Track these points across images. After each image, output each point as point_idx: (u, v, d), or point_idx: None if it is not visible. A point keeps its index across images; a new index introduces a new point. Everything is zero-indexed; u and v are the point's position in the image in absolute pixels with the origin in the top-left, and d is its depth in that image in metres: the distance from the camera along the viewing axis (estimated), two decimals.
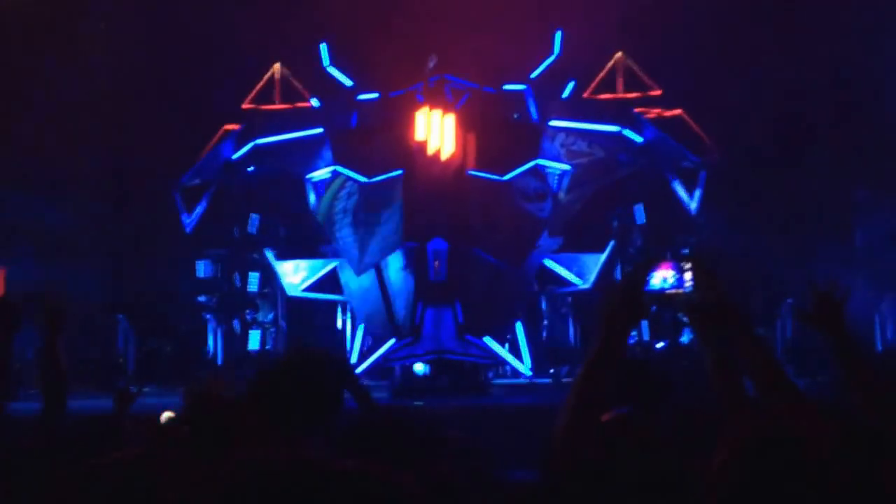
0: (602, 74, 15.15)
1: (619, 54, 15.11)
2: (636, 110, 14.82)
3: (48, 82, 14.19)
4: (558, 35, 14.92)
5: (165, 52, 14.73)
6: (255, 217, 15.85)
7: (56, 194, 14.25)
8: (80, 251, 14.74)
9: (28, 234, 14.18)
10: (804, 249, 13.68)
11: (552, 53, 14.95)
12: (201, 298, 15.86)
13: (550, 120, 14.61)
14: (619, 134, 14.58)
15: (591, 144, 14.76)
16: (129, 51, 14.63)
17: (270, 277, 15.55)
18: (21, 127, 13.95)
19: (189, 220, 14.83)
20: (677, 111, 14.78)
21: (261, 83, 15.39)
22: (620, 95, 15.10)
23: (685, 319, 14.67)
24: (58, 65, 14.10)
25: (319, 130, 14.64)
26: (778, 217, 14.69)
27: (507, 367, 14.14)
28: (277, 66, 15.44)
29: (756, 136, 14.34)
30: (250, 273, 15.91)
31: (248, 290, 15.90)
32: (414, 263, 13.13)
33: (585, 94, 15.13)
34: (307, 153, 14.79)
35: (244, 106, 15.37)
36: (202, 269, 15.91)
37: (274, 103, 15.44)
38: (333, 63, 15.15)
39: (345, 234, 13.82)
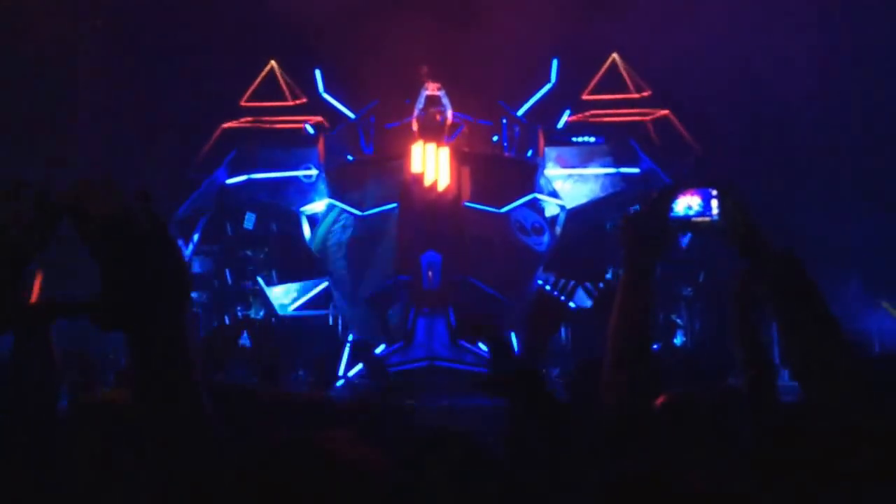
0: (599, 75, 15.25)
1: (614, 55, 15.23)
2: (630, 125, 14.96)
3: (42, 78, 14.04)
4: (555, 63, 14.97)
5: (162, 51, 14.66)
6: (251, 215, 15.78)
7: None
8: (70, 241, 14.55)
9: None
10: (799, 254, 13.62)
11: (548, 81, 15.05)
12: (192, 294, 15.77)
13: (545, 166, 14.67)
14: (617, 174, 14.61)
15: (588, 181, 14.78)
16: (126, 48, 14.56)
17: None
18: (17, 120, 13.78)
19: (186, 252, 14.76)
20: (664, 112, 14.85)
21: (258, 80, 15.37)
22: (614, 96, 15.14)
23: (679, 321, 14.82)
24: (54, 62, 13.96)
25: (314, 172, 14.66)
26: (772, 221, 14.65)
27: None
28: (273, 63, 15.45)
29: (746, 142, 14.37)
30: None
31: (242, 286, 15.83)
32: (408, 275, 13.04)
33: (584, 96, 15.19)
34: (301, 188, 14.80)
35: (242, 103, 15.31)
36: (195, 264, 15.84)
37: (272, 100, 15.40)
38: (328, 90, 15.13)
39: (339, 268, 13.73)
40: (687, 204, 2.50)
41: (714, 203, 2.50)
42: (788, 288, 2.46)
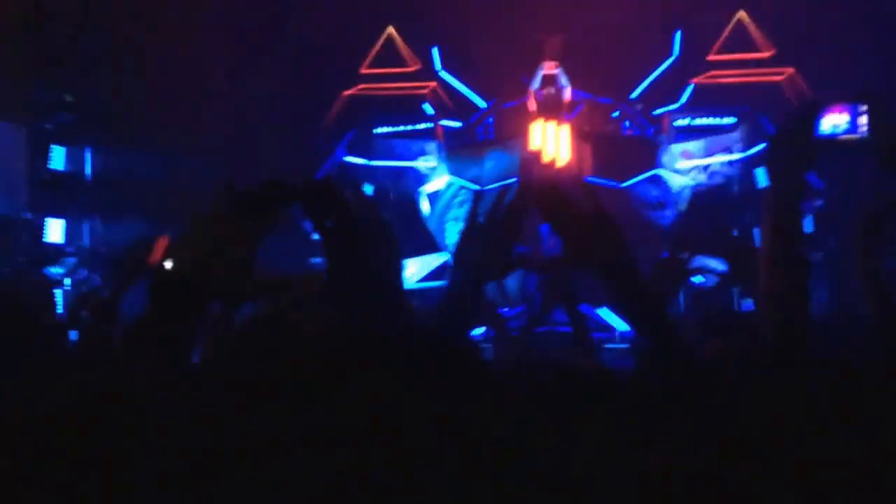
0: (725, 34, 14.57)
1: (741, 13, 14.49)
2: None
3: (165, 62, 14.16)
4: (678, 35, 14.62)
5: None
6: (369, 185, 15.90)
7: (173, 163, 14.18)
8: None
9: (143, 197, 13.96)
10: None
11: (671, 55, 14.69)
12: (315, 260, 15.91)
13: (670, 148, 14.33)
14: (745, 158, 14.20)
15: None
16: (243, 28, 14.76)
17: None
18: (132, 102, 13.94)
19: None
20: (789, 70, 14.11)
21: (376, 47, 15.28)
22: (739, 56, 14.56)
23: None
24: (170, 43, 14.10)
25: (433, 164, 14.81)
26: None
27: (616, 333, 14.00)
28: (390, 28, 15.27)
29: None
30: None
31: None
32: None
33: (709, 57, 14.65)
34: (419, 176, 14.99)
35: (363, 70, 15.29)
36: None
37: (390, 66, 15.32)
38: (445, 67, 15.19)
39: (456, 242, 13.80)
40: (834, 122, 2.43)
41: (861, 120, 2.41)
42: None
